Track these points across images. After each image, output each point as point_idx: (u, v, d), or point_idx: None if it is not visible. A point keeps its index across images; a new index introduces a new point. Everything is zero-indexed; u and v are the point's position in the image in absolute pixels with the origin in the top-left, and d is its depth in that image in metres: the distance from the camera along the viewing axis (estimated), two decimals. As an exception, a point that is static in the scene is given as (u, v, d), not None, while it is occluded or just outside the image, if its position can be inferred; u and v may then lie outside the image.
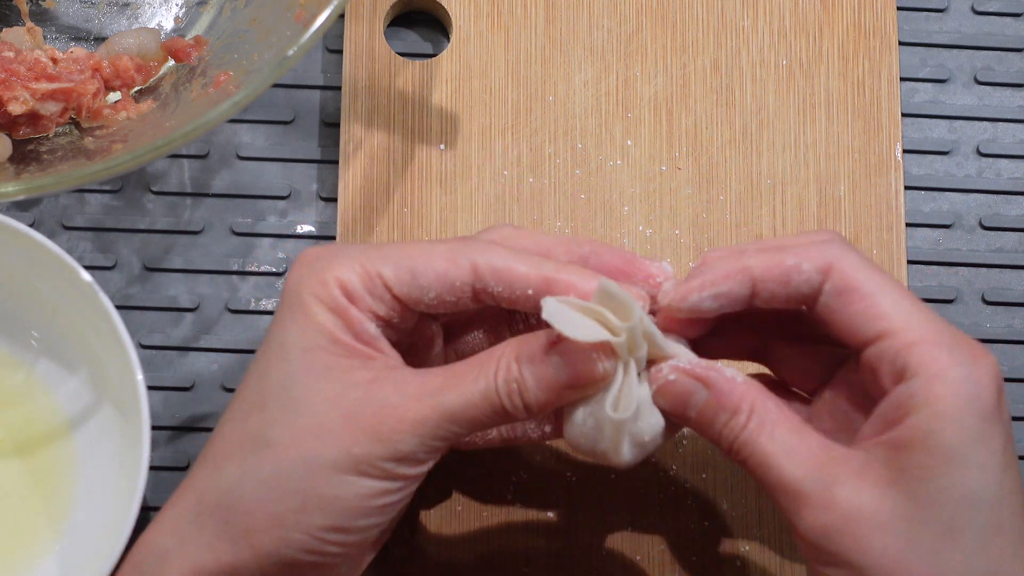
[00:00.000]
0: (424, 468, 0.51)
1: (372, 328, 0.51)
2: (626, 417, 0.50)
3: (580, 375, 0.50)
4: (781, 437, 0.49)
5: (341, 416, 0.50)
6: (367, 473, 0.50)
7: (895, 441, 0.48)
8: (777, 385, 0.56)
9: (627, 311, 0.49)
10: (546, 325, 0.49)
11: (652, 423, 0.51)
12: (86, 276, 0.56)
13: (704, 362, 0.51)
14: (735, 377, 0.50)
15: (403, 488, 0.51)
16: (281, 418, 0.50)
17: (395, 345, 0.53)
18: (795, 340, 0.55)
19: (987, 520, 0.47)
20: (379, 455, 0.50)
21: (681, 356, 0.51)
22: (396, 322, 0.52)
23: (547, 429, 0.56)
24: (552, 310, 0.49)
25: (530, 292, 0.51)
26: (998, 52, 0.69)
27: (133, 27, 0.66)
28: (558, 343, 0.50)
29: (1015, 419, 0.65)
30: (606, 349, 0.50)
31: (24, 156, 0.61)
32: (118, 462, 0.59)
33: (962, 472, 0.47)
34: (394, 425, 0.50)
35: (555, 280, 0.51)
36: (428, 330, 0.55)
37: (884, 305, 0.49)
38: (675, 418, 0.51)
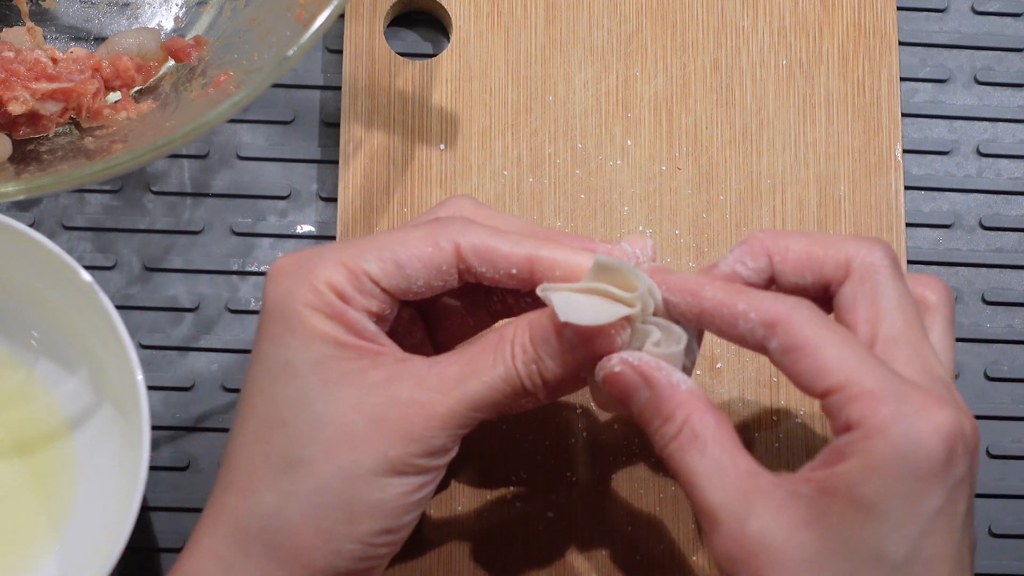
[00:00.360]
0: (452, 454, 0.51)
1: (371, 325, 0.51)
2: None
3: (598, 349, 0.50)
4: (710, 455, 0.48)
5: (369, 421, 0.50)
6: (404, 472, 0.50)
7: (822, 484, 0.47)
8: None
9: (630, 279, 0.50)
10: (533, 303, 0.50)
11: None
12: (86, 276, 0.56)
13: (653, 361, 0.50)
14: (679, 384, 0.50)
15: (436, 477, 0.51)
16: (308, 434, 0.50)
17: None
18: None
19: None
20: (414, 453, 0.50)
21: (673, 327, 0.51)
22: (387, 315, 0.52)
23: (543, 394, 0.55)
24: (560, 304, 0.49)
25: (514, 271, 0.51)
26: (998, 52, 0.69)
27: (133, 27, 0.66)
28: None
29: (1016, 419, 0.65)
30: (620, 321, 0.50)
31: (24, 156, 0.61)
32: (118, 462, 0.59)
33: (875, 528, 0.46)
34: (424, 423, 0.50)
35: (538, 258, 0.51)
36: (406, 314, 0.55)
37: (830, 360, 0.47)
38: (622, 408, 0.51)
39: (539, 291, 0.50)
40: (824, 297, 0.51)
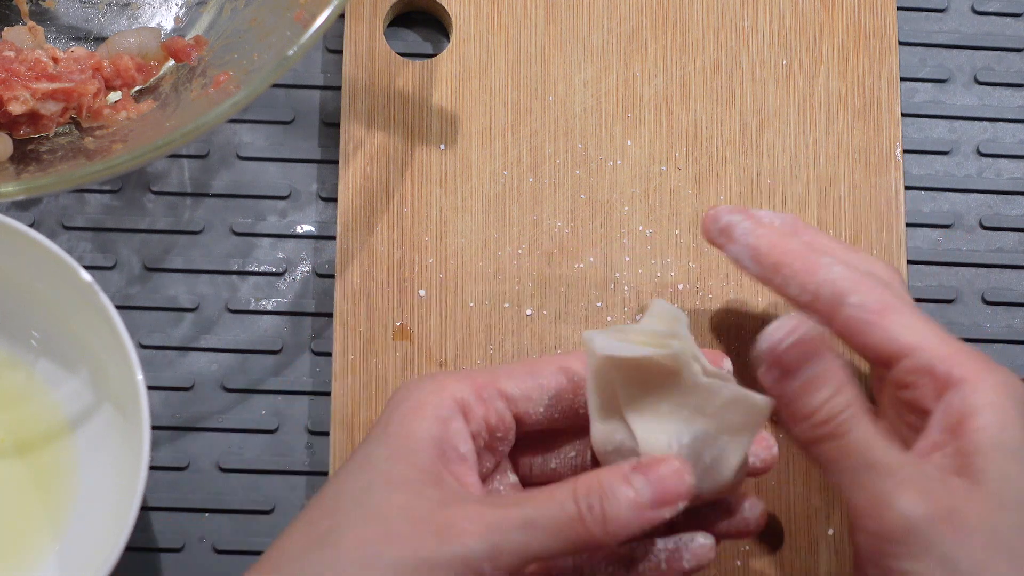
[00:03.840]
0: None
1: (463, 447, 0.51)
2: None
3: (666, 492, 0.49)
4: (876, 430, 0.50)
5: (409, 521, 0.49)
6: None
7: (963, 448, 0.50)
8: None
9: (673, 323, 0.51)
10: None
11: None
12: (86, 276, 0.56)
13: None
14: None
15: None
16: (353, 521, 0.50)
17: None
18: None
19: None
20: (446, 555, 0.48)
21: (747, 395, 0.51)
22: (498, 438, 0.53)
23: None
24: (599, 341, 0.50)
25: None
26: (998, 52, 0.69)
27: (133, 27, 0.66)
28: (638, 466, 0.49)
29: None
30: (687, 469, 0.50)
31: (24, 156, 0.61)
32: (118, 462, 0.59)
33: None
34: (464, 526, 0.48)
35: None
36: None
37: (904, 329, 0.52)
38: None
39: (584, 336, 0.50)
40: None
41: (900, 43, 0.68)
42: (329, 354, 0.64)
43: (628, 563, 0.52)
